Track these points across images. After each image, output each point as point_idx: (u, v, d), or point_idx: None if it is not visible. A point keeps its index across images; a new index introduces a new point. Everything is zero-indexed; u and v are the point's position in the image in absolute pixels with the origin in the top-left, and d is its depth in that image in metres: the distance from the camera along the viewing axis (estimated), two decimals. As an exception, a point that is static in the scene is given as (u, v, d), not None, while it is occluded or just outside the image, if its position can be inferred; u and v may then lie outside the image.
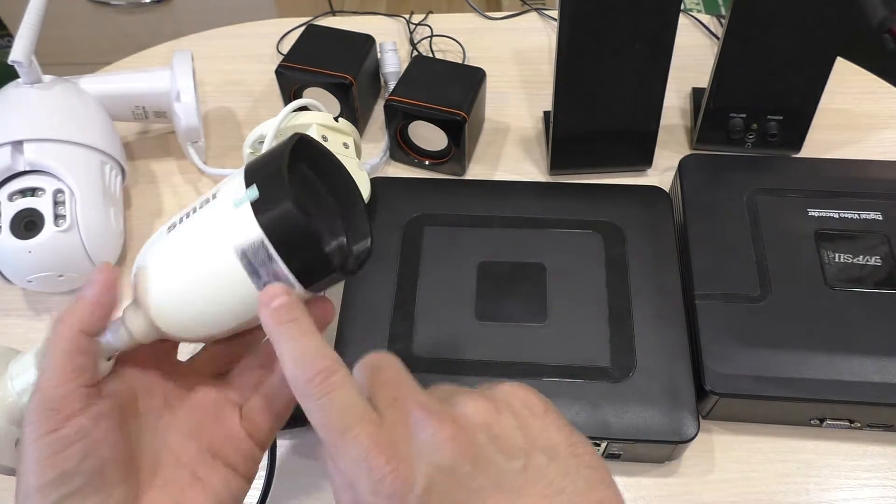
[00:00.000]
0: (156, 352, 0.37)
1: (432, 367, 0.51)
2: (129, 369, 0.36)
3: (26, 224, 0.55)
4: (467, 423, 0.29)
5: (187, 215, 0.34)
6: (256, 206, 0.31)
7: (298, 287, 0.33)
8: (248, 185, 0.32)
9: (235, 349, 0.40)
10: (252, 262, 0.32)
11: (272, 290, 0.32)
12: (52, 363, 0.32)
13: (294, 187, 0.31)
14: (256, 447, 0.38)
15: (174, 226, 0.34)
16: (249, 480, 0.38)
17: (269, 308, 0.31)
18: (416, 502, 0.28)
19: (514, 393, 0.32)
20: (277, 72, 0.67)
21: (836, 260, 0.54)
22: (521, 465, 0.29)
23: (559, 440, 0.30)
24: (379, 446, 0.28)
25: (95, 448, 0.32)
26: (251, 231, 0.31)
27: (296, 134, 0.34)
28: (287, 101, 0.69)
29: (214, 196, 0.34)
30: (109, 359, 0.35)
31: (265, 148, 0.57)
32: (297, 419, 0.52)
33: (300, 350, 0.30)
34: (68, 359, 0.32)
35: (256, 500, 0.47)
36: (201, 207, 0.34)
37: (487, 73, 0.67)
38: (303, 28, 0.72)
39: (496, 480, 0.28)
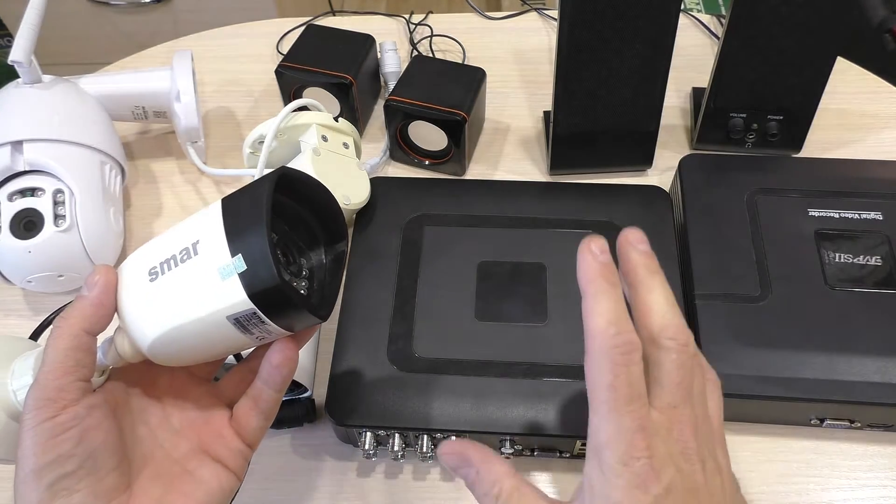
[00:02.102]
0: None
1: (432, 367, 0.51)
2: (124, 369, 0.38)
3: (26, 224, 0.55)
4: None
5: (168, 266, 0.34)
6: (245, 279, 0.32)
7: (284, 332, 0.35)
8: (231, 251, 0.32)
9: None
10: (243, 324, 0.33)
11: (596, 243, 0.36)
12: (52, 358, 0.34)
13: (277, 253, 0.32)
14: (245, 445, 0.39)
15: (156, 275, 0.34)
16: (239, 477, 0.39)
17: (597, 261, 0.35)
18: (657, 492, 0.30)
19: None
20: (277, 72, 0.67)
21: (837, 260, 0.54)
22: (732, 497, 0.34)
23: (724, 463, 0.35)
24: (645, 430, 0.31)
25: (89, 434, 0.33)
26: (243, 304, 0.32)
27: (272, 175, 0.33)
28: (287, 101, 0.69)
29: (195, 249, 0.33)
30: (102, 373, 0.37)
31: (265, 148, 0.57)
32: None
33: (616, 314, 0.33)
34: (69, 354, 0.34)
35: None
36: (183, 261, 0.34)
37: (487, 73, 0.67)
38: (303, 28, 0.72)
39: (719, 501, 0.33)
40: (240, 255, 0.32)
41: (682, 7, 0.59)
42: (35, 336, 0.45)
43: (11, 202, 0.55)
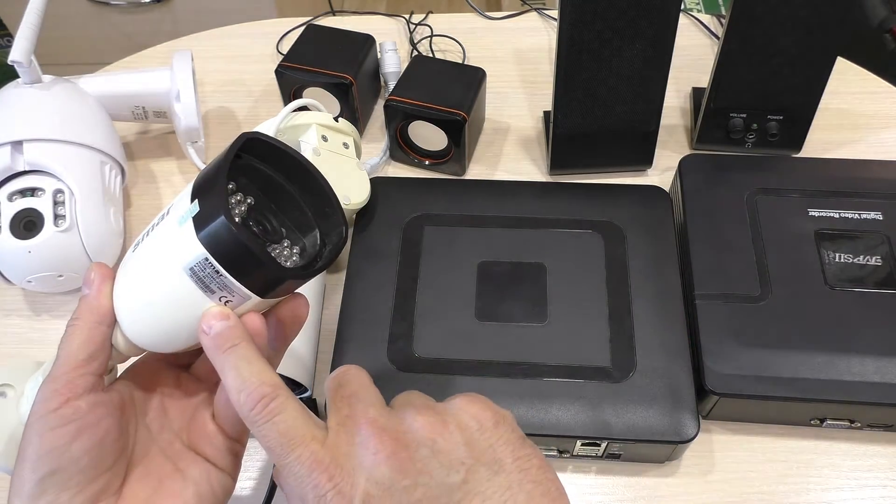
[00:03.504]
0: (158, 359, 0.40)
1: (432, 367, 0.51)
2: (133, 371, 0.39)
3: (26, 224, 0.55)
4: (412, 438, 0.31)
5: (147, 233, 0.34)
6: (197, 221, 0.31)
7: (255, 297, 0.33)
8: (192, 198, 0.32)
9: None
10: (202, 279, 0.32)
11: (209, 317, 0.33)
12: (65, 352, 0.35)
13: (228, 197, 0.31)
14: (231, 441, 0.38)
15: (137, 245, 0.35)
16: (232, 475, 0.38)
17: (208, 337, 0.33)
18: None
19: (466, 407, 0.33)
20: (277, 72, 0.67)
21: (837, 260, 0.54)
22: (460, 478, 0.31)
23: (505, 454, 0.32)
24: (321, 464, 0.30)
25: (87, 431, 0.34)
26: (194, 248, 0.31)
27: (243, 135, 0.33)
28: (287, 101, 0.69)
29: (168, 212, 0.34)
30: (109, 371, 0.37)
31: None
32: None
33: (240, 377, 0.32)
34: (82, 348, 0.35)
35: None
36: (155, 226, 0.34)
37: (487, 73, 0.67)
38: (303, 28, 0.72)
39: (435, 494, 0.30)
40: (196, 200, 0.32)
41: (682, 7, 0.59)
42: None
43: (11, 202, 0.55)
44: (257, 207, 0.36)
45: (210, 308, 0.33)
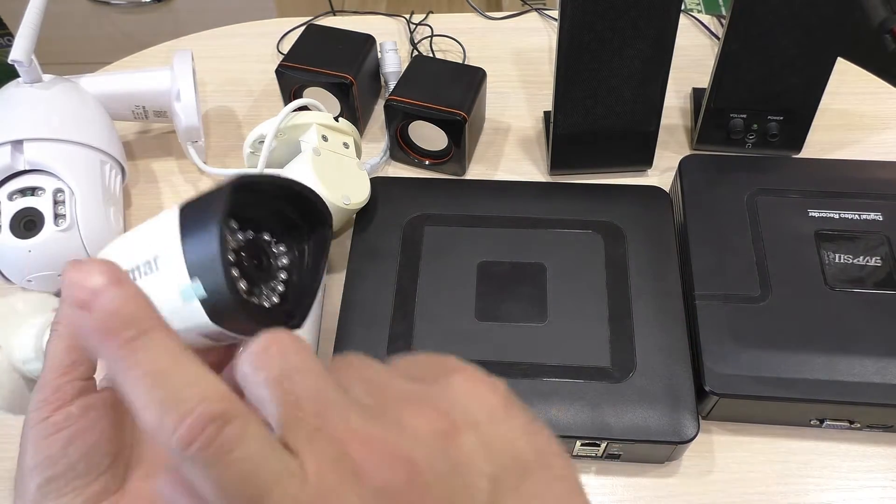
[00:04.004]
0: None
1: (432, 367, 0.51)
2: None
3: (26, 223, 0.55)
4: (420, 454, 0.22)
5: (132, 274, 0.33)
6: (206, 305, 0.30)
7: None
8: (189, 273, 0.30)
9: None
10: (213, 338, 0.33)
11: (84, 277, 0.22)
12: (49, 360, 0.34)
13: (233, 276, 0.30)
14: None
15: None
16: None
17: (93, 313, 0.22)
18: None
19: (471, 393, 0.25)
20: (278, 71, 0.67)
21: (837, 260, 0.54)
22: (486, 497, 0.23)
23: (526, 449, 0.25)
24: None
25: (81, 436, 0.33)
26: (207, 326, 0.31)
27: (225, 189, 0.31)
28: (287, 100, 0.69)
29: (156, 263, 0.32)
30: None
31: (265, 148, 0.57)
32: None
33: (163, 388, 0.21)
34: (66, 354, 0.34)
35: None
36: (145, 274, 0.33)
37: (488, 73, 0.67)
38: (303, 28, 0.72)
39: None
40: (198, 278, 0.30)
41: (683, 7, 0.59)
42: (59, 293, 0.46)
43: (11, 201, 0.55)
44: (241, 226, 0.35)
45: (83, 264, 0.22)
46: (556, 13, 0.59)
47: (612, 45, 0.58)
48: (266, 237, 0.36)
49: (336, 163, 0.59)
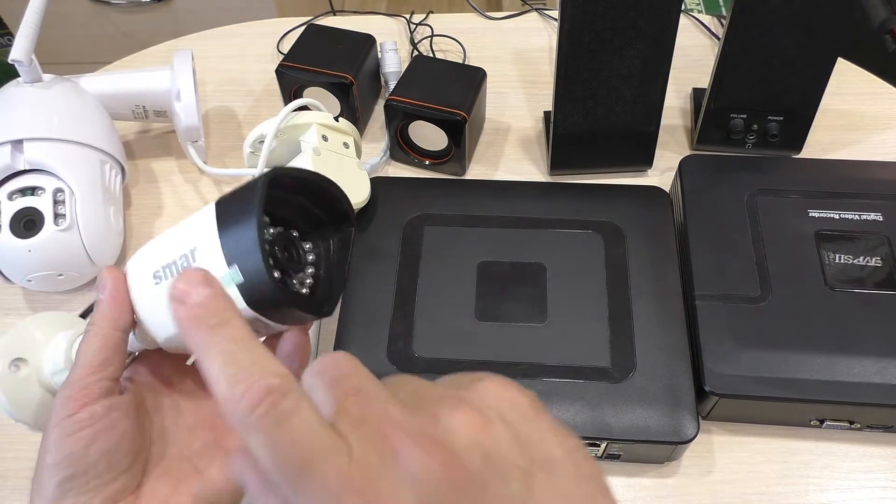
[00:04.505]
0: (166, 358, 0.40)
1: (432, 368, 0.51)
2: (146, 370, 0.39)
3: (26, 223, 0.55)
4: (456, 443, 0.24)
5: (170, 271, 0.34)
6: (243, 290, 0.31)
7: (290, 327, 0.35)
8: (227, 261, 0.31)
9: None
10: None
11: (185, 280, 0.27)
12: (81, 359, 0.35)
13: (270, 262, 0.31)
14: None
15: (159, 279, 0.35)
16: None
17: (184, 307, 0.27)
18: None
19: (502, 395, 0.27)
20: (278, 71, 0.67)
21: (837, 261, 0.54)
22: (520, 487, 0.24)
23: (555, 448, 0.26)
24: (352, 485, 0.22)
25: (103, 434, 0.34)
26: (244, 312, 0.32)
27: (263, 179, 0.32)
28: (287, 100, 0.69)
29: (193, 255, 0.33)
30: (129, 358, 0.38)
31: (265, 148, 0.57)
32: None
33: (235, 365, 0.25)
34: (98, 353, 0.35)
35: None
36: (183, 268, 0.34)
37: (488, 73, 0.67)
38: (303, 28, 0.72)
39: None
40: (235, 266, 0.31)
41: (683, 7, 0.59)
42: (85, 315, 0.46)
43: (11, 201, 0.55)
44: (274, 223, 0.36)
45: (186, 272, 0.28)
46: (556, 13, 0.59)
47: (612, 45, 0.58)
48: (294, 233, 0.36)
49: (336, 163, 0.59)
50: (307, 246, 0.37)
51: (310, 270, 0.36)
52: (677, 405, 0.48)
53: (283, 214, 0.36)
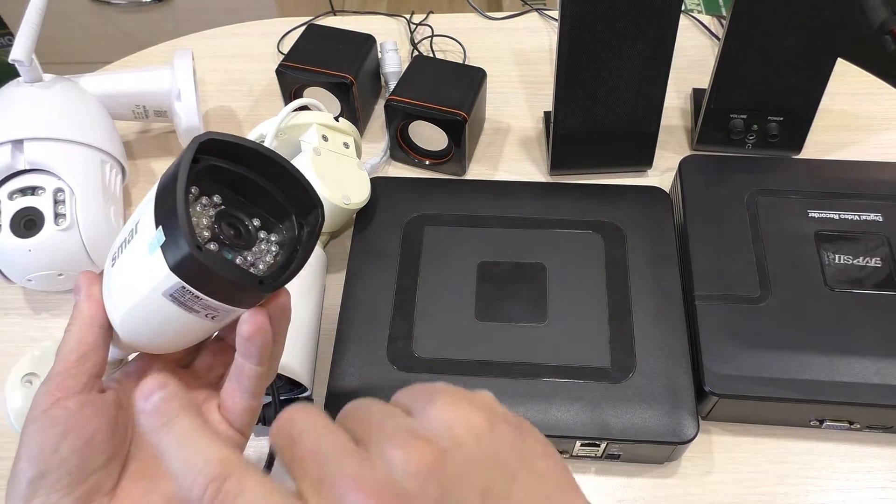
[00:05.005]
0: (154, 357, 0.40)
1: (432, 367, 0.51)
2: (135, 372, 0.39)
3: (26, 223, 0.55)
4: (410, 486, 0.24)
5: (121, 249, 0.35)
6: (166, 252, 0.31)
7: (240, 310, 0.34)
8: (155, 223, 0.31)
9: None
10: (183, 302, 0.33)
11: (143, 389, 0.30)
12: (60, 355, 0.35)
13: (191, 218, 0.31)
14: (236, 432, 0.38)
15: (114, 259, 0.35)
16: None
17: (143, 415, 0.29)
18: None
19: (454, 416, 0.27)
20: (278, 71, 0.67)
21: (836, 261, 0.54)
22: None
23: (510, 457, 0.27)
24: None
25: (74, 431, 0.34)
26: (169, 278, 0.31)
27: (195, 139, 0.32)
28: (287, 100, 0.69)
29: (136, 228, 0.33)
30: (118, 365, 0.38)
31: (265, 147, 0.57)
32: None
33: (180, 459, 0.27)
34: (74, 349, 0.35)
35: None
36: (128, 243, 0.34)
37: (488, 73, 0.67)
38: (303, 28, 0.72)
39: None
40: (161, 226, 0.31)
41: (683, 8, 0.60)
42: None
43: (12, 201, 0.55)
44: (227, 204, 0.35)
45: (145, 381, 0.30)
46: (556, 13, 0.59)
47: (612, 45, 0.58)
48: (249, 219, 0.36)
49: (336, 163, 0.59)
50: (258, 226, 0.36)
51: (272, 252, 0.36)
52: (677, 405, 0.48)
53: (247, 198, 0.36)
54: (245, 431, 0.38)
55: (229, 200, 0.35)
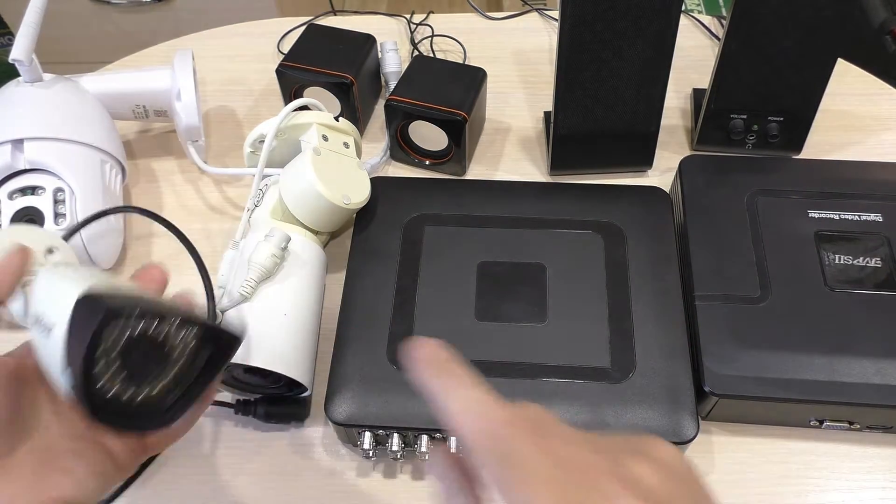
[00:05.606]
0: None
1: (432, 367, 0.50)
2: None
3: (26, 222, 0.55)
4: (650, 496, 0.26)
5: (39, 321, 0.37)
6: (73, 396, 0.34)
7: None
8: (63, 366, 0.34)
9: None
10: None
11: (421, 344, 0.32)
12: None
13: (90, 390, 0.34)
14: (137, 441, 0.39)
15: (34, 321, 0.37)
16: (124, 470, 0.39)
17: (422, 361, 0.32)
18: None
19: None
20: (278, 71, 0.67)
21: (836, 261, 0.54)
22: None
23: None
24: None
25: None
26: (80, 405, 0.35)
27: (93, 318, 0.34)
28: (287, 100, 0.69)
29: (50, 332, 0.36)
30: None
31: (265, 148, 0.57)
32: (246, 403, 0.53)
33: (470, 403, 0.29)
34: None
35: None
36: (45, 331, 0.36)
37: (488, 73, 0.67)
38: (303, 27, 0.72)
39: None
40: (69, 370, 0.34)
41: (683, 8, 0.60)
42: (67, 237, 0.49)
43: (12, 200, 0.55)
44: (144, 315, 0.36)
45: (421, 340, 0.33)
46: (556, 13, 0.59)
47: (612, 45, 0.58)
48: (163, 335, 0.36)
49: (336, 162, 0.59)
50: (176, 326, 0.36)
51: (153, 383, 0.37)
52: (677, 405, 0.48)
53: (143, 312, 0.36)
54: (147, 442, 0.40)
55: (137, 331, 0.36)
